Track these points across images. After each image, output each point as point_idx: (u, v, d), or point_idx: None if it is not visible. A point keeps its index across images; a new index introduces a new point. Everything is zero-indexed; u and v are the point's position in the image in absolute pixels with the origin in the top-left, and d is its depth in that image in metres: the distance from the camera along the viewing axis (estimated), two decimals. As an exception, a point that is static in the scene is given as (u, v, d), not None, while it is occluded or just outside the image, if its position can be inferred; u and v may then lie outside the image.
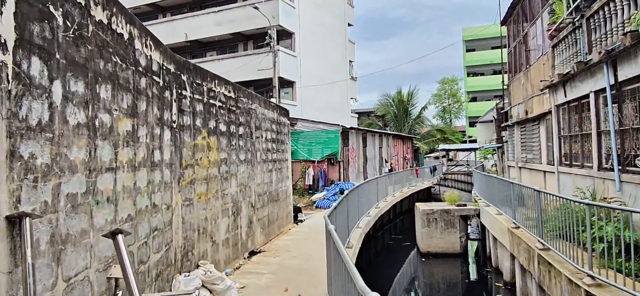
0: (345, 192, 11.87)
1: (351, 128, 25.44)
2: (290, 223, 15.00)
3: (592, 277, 6.42)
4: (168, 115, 6.52)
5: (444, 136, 45.14)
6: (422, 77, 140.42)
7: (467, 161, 47.21)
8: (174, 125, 6.74)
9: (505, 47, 21.83)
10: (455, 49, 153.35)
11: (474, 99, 70.06)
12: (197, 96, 7.75)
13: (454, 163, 47.48)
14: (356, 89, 45.14)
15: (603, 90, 9.30)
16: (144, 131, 5.61)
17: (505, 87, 20.38)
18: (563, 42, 11.69)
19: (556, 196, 8.45)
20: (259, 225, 11.20)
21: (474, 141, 64.52)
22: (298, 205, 19.05)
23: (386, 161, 32.71)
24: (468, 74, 71.43)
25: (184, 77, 7.25)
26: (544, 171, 14.57)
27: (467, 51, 71.34)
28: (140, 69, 5.59)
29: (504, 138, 20.85)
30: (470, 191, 46.51)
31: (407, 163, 39.39)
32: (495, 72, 71.21)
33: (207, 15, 32.51)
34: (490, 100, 72.33)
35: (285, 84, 33.85)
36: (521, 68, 17.71)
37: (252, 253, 10.37)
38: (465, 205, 19.32)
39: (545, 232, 8.88)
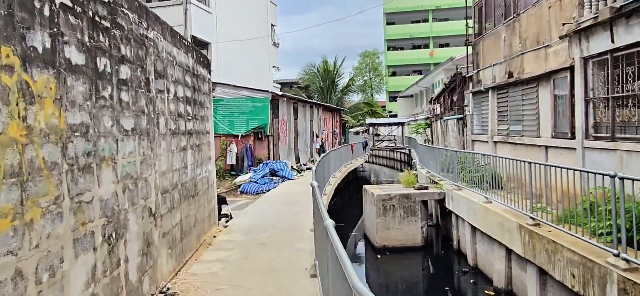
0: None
1: (283, 95, 20.87)
2: (214, 225, 10.22)
3: None
4: None
5: (371, 109, 42.12)
6: (340, 56, 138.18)
7: (395, 136, 44.74)
8: None
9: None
10: (375, 27, 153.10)
11: (394, 74, 68.33)
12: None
13: (381, 139, 44.78)
14: (278, 57, 40.34)
15: None
16: None
17: (469, 44, 16.98)
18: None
19: None
20: (164, 244, 6.40)
21: (395, 116, 62.81)
22: (221, 194, 14.24)
23: (317, 136, 28.61)
24: (388, 48, 69.45)
25: None
26: (546, 147, 11.19)
27: (388, 23, 69.14)
28: None
29: (466, 109, 17.56)
30: (399, 169, 44.16)
31: (336, 138, 35.66)
32: (414, 47, 69.97)
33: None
34: (409, 75, 71.15)
35: (199, 45, 28.28)
36: (500, 19, 14.24)
37: (152, 300, 5.63)
38: (426, 188, 15.74)
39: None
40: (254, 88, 20.20)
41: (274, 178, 19.32)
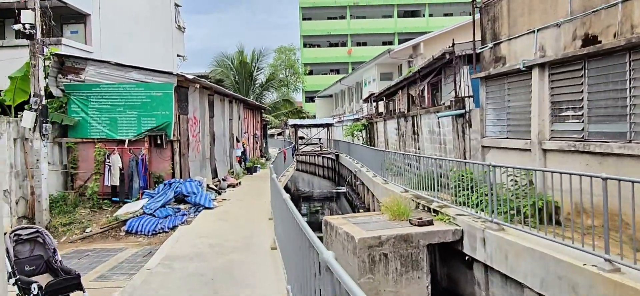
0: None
1: (194, 80, 13.76)
2: None
3: None
4: None
5: (295, 108, 36.02)
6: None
7: (320, 139, 38.99)
8: None
9: None
10: (289, 29, 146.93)
11: (310, 73, 62.85)
12: None
13: (305, 142, 38.76)
14: (184, 44, 32.48)
15: None
16: None
17: (478, 6, 11.38)
18: None
19: None
20: None
21: (313, 117, 57.21)
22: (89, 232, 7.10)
23: (237, 140, 21.70)
24: (304, 45, 63.84)
25: None
26: None
27: (304, 19, 63.51)
28: None
29: (466, 102, 11.95)
30: (328, 177, 38.32)
31: (257, 143, 28.89)
32: (331, 45, 65.08)
33: None
34: (326, 74, 66.15)
35: (73, 17, 20.11)
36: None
37: None
38: (430, 223, 9.88)
39: None
40: (149, 69, 12.97)
41: (182, 206, 12.25)
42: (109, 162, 12.94)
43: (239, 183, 17.26)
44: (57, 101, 13.11)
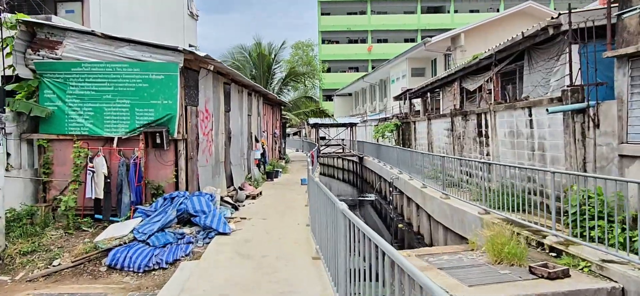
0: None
1: (207, 59, 10.28)
2: None
3: None
4: None
5: (318, 108, 32.53)
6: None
7: (343, 140, 35.48)
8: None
9: None
10: (306, 31, 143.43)
11: (328, 70, 59.34)
12: None
13: (326, 143, 35.29)
14: (197, 34, 29.22)
15: None
16: None
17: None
18: None
19: None
20: None
21: (332, 117, 53.60)
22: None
23: (256, 141, 18.28)
24: (323, 41, 60.36)
25: None
26: None
27: (323, 14, 59.97)
28: None
29: (585, 92, 8.35)
30: (353, 184, 34.71)
31: (276, 143, 25.47)
32: (351, 41, 61.46)
33: None
34: (345, 71, 62.57)
35: (67, -7, 17.08)
36: None
37: None
38: (565, 274, 6.32)
39: None
40: (147, 43, 9.57)
41: (187, 230, 8.80)
42: (92, 167, 9.54)
43: (260, 193, 13.81)
44: (26, 85, 9.75)
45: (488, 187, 9.12)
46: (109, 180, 9.49)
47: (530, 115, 10.15)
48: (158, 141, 9.61)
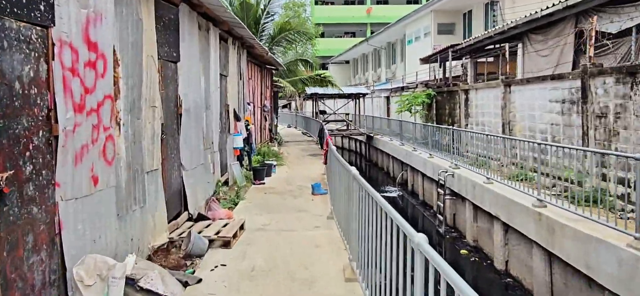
0: None
1: None
2: None
3: None
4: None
5: (318, 75, 25.52)
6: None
7: (347, 114, 28.57)
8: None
9: None
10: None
11: (322, 35, 51.77)
12: None
13: (326, 118, 28.24)
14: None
15: None
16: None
17: None
18: None
19: None
20: None
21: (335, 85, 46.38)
22: None
23: (237, 119, 11.18)
24: (316, 2, 52.68)
25: None
26: None
27: (316, -31, 52.09)
28: None
29: None
30: (359, 168, 27.84)
31: (265, 119, 18.42)
32: (347, 2, 53.81)
33: None
34: (341, 37, 55.07)
35: None
36: None
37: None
38: None
39: None
40: None
41: None
42: None
43: (241, 228, 6.81)
44: None
45: None
46: None
47: None
48: None
